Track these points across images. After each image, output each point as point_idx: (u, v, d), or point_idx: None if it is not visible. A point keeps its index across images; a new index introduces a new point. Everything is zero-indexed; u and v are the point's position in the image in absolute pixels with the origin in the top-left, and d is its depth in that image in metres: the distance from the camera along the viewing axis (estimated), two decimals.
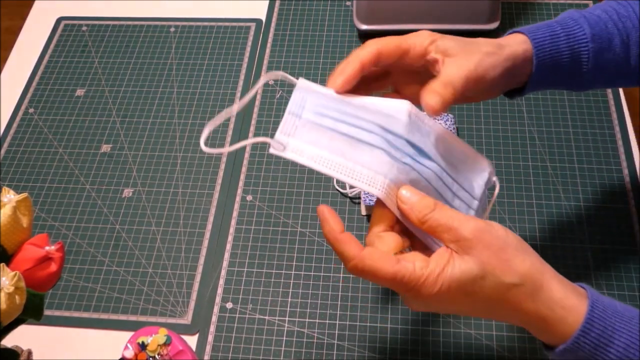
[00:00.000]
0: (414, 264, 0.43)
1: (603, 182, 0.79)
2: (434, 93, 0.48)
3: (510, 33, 0.56)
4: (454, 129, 0.82)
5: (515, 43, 0.54)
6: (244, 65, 0.94)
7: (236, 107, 0.49)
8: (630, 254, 0.73)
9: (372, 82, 0.54)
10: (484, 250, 0.43)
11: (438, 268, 0.42)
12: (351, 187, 0.80)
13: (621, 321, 0.43)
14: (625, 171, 0.80)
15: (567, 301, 0.43)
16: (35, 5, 1.06)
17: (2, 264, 0.46)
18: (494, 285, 0.42)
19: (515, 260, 0.43)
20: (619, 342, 0.43)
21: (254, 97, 0.90)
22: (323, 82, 0.94)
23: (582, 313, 0.43)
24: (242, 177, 0.83)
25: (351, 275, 0.74)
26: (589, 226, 0.76)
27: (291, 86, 0.95)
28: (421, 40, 0.52)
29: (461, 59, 0.51)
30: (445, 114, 0.82)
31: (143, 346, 0.64)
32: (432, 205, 0.44)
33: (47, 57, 0.98)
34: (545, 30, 0.55)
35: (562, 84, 0.57)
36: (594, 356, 0.43)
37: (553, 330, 0.44)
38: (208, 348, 0.70)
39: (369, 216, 0.78)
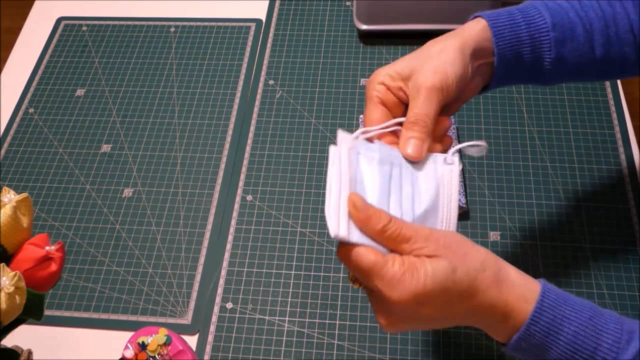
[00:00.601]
0: (394, 261, 0.43)
1: (603, 182, 0.79)
2: (406, 142, 0.49)
3: (473, 18, 0.55)
4: (454, 129, 0.82)
5: (470, 26, 0.53)
6: (244, 65, 0.94)
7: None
8: (630, 253, 0.73)
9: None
10: (445, 250, 0.44)
11: (414, 268, 0.43)
12: None
13: (572, 309, 0.44)
14: (625, 171, 0.80)
15: (525, 286, 0.45)
16: (35, 5, 1.06)
17: (2, 264, 0.46)
18: (464, 275, 0.44)
19: (472, 251, 0.45)
20: (568, 330, 0.44)
21: (254, 97, 0.91)
22: (323, 82, 0.95)
23: (535, 299, 0.44)
24: (242, 177, 0.83)
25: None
26: (589, 226, 0.76)
27: (291, 86, 0.95)
28: (373, 85, 0.51)
29: (418, 76, 0.50)
30: None
31: (143, 346, 0.64)
32: (389, 217, 0.44)
33: (47, 57, 0.98)
34: (505, 18, 0.53)
35: (527, 76, 0.56)
36: (545, 344, 0.44)
37: (514, 317, 0.45)
38: (208, 348, 0.70)
39: None
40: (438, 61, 0.50)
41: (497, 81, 0.55)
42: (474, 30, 0.52)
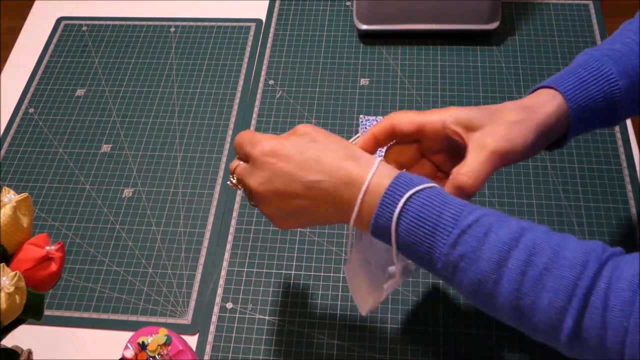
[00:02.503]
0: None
1: (603, 183, 0.79)
2: (456, 188, 0.50)
3: (535, 90, 0.55)
4: None
5: (546, 101, 0.53)
6: (244, 65, 0.94)
7: None
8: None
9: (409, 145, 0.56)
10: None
11: (279, 136, 0.52)
12: None
13: (418, 197, 0.46)
14: (626, 171, 0.80)
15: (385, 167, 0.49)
16: (35, 5, 1.06)
17: (2, 264, 0.46)
18: (324, 143, 0.51)
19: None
20: (416, 201, 0.46)
21: (254, 97, 0.91)
22: (323, 82, 0.95)
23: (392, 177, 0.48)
24: None
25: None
26: (589, 226, 0.76)
27: (291, 86, 0.95)
28: (439, 116, 0.52)
29: (486, 134, 0.50)
30: None
31: (143, 346, 0.64)
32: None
33: (47, 57, 0.98)
34: (572, 79, 0.53)
35: (599, 125, 0.56)
36: (390, 228, 0.47)
37: (375, 189, 0.48)
38: (208, 348, 0.70)
39: None
40: (512, 131, 0.50)
41: (570, 138, 0.56)
42: (551, 109, 0.53)
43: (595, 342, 0.42)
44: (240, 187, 0.55)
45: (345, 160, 0.49)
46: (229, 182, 0.56)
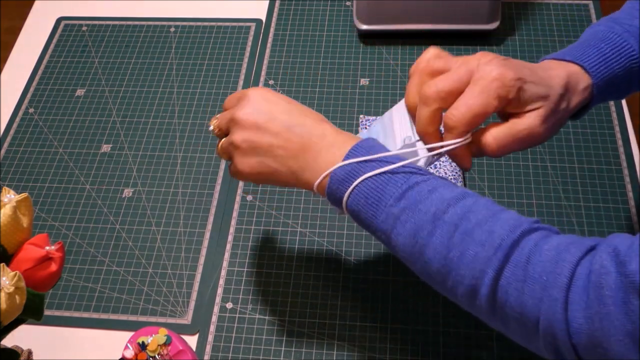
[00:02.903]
0: None
1: (603, 182, 0.79)
2: (495, 141, 0.51)
3: (559, 59, 0.55)
4: None
5: (575, 85, 0.53)
6: (244, 65, 0.94)
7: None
8: None
9: None
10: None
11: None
12: None
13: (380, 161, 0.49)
14: (626, 171, 0.80)
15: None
16: (35, 5, 1.06)
17: (2, 264, 0.46)
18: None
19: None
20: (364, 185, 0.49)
21: None
22: (323, 82, 0.95)
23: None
24: None
25: (351, 275, 0.74)
26: (589, 226, 0.76)
27: (291, 86, 0.95)
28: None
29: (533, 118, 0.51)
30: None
31: (143, 346, 0.64)
32: None
33: (47, 57, 0.98)
34: (596, 55, 0.54)
35: (616, 97, 0.57)
36: (341, 197, 0.51)
37: (338, 148, 0.52)
38: (208, 348, 0.70)
39: None
40: (556, 120, 0.52)
41: (587, 111, 0.57)
42: (580, 97, 0.53)
43: (513, 298, 0.42)
44: (217, 124, 0.58)
45: (324, 122, 0.55)
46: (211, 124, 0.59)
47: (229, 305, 0.73)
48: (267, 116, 0.54)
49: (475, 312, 0.47)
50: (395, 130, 0.57)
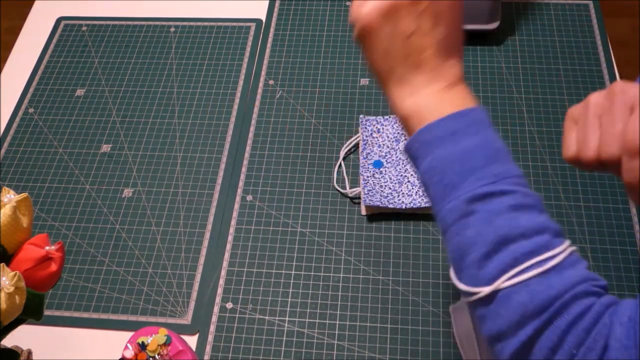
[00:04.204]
0: None
1: (603, 182, 0.79)
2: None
3: None
4: None
5: None
6: (244, 65, 0.94)
7: None
8: (630, 253, 0.73)
9: None
10: None
11: None
12: (351, 187, 0.80)
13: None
14: None
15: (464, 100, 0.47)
16: (35, 5, 1.06)
17: (2, 264, 0.46)
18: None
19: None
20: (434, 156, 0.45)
21: (254, 97, 0.91)
22: (323, 82, 0.95)
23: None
24: (242, 177, 0.83)
25: (351, 275, 0.74)
26: (589, 226, 0.76)
27: (291, 86, 0.95)
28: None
29: None
30: None
31: (143, 346, 0.64)
32: None
33: (47, 57, 0.98)
34: None
35: None
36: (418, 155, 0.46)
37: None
38: (208, 348, 0.70)
39: (369, 216, 0.78)
40: None
41: None
42: None
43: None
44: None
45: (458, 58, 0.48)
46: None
47: (229, 305, 0.73)
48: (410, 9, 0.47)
49: (491, 348, 0.44)
50: None
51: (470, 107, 0.46)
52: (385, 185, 0.78)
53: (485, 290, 0.41)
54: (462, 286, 0.43)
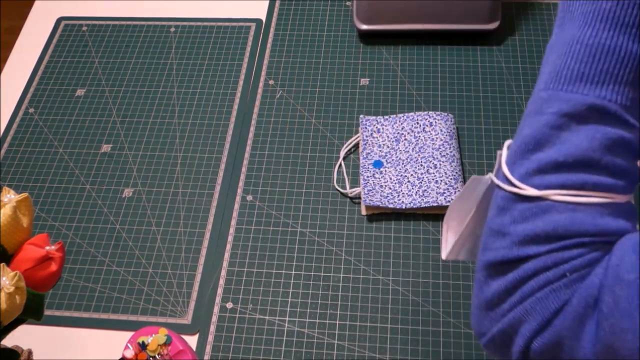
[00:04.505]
0: None
1: None
2: None
3: None
4: (454, 129, 0.82)
5: None
6: (244, 65, 0.94)
7: None
8: None
9: None
10: None
11: None
12: (351, 187, 0.80)
13: None
14: None
15: None
16: (35, 5, 1.06)
17: (2, 264, 0.46)
18: None
19: None
20: None
21: (254, 97, 0.91)
22: (323, 82, 0.95)
23: None
24: (242, 177, 0.83)
25: (351, 275, 0.74)
26: None
27: (291, 86, 0.95)
28: None
29: None
30: (446, 114, 0.83)
31: (143, 346, 0.64)
32: None
33: (47, 57, 0.98)
34: None
35: None
36: None
37: None
38: (208, 348, 0.70)
39: (369, 216, 0.78)
40: None
41: None
42: None
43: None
44: None
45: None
46: None
47: (229, 305, 0.73)
48: None
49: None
50: None
51: None
52: (385, 185, 0.78)
53: (534, 192, 0.38)
54: (510, 176, 0.39)
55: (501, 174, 0.41)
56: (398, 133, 0.82)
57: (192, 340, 0.71)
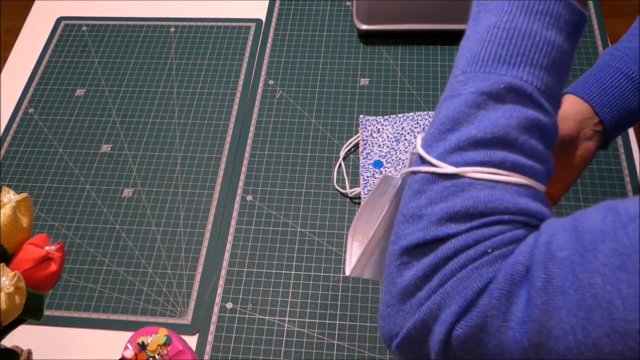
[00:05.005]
0: None
1: (603, 182, 0.79)
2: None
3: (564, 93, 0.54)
4: None
5: (579, 126, 0.54)
6: (244, 65, 0.94)
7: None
8: None
9: None
10: None
11: None
12: (351, 187, 0.80)
13: None
14: (626, 171, 0.79)
15: None
16: (35, 5, 1.06)
17: (2, 264, 0.46)
18: None
19: None
20: None
21: (254, 97, 0.91)
22: (323, 82, 0.95)
23: None
24: (242, 177, 0.83)
25: (351, 275, 0.74)
26: None
27: (291, 86, 0.95)
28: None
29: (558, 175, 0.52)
30: None
31: (143, 346, 0.64)
32: None
33: (47, 57, 0.98)
34: (595, 84, 0.54)
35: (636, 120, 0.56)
36: None
37: None
38: (208, 348, 0.70)
39: None
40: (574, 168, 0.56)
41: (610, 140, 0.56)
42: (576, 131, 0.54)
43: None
44: None
45: None
46: None
47: (229, 305, 0.73)
48: None
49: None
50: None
51: None
52: None
53: (452, 169, 0.37)
54: (427, 156, 0.39)
55: (416, 160, 0.40)
56: (398, 133, 0.82)
57: (192, 341, 0.71)
